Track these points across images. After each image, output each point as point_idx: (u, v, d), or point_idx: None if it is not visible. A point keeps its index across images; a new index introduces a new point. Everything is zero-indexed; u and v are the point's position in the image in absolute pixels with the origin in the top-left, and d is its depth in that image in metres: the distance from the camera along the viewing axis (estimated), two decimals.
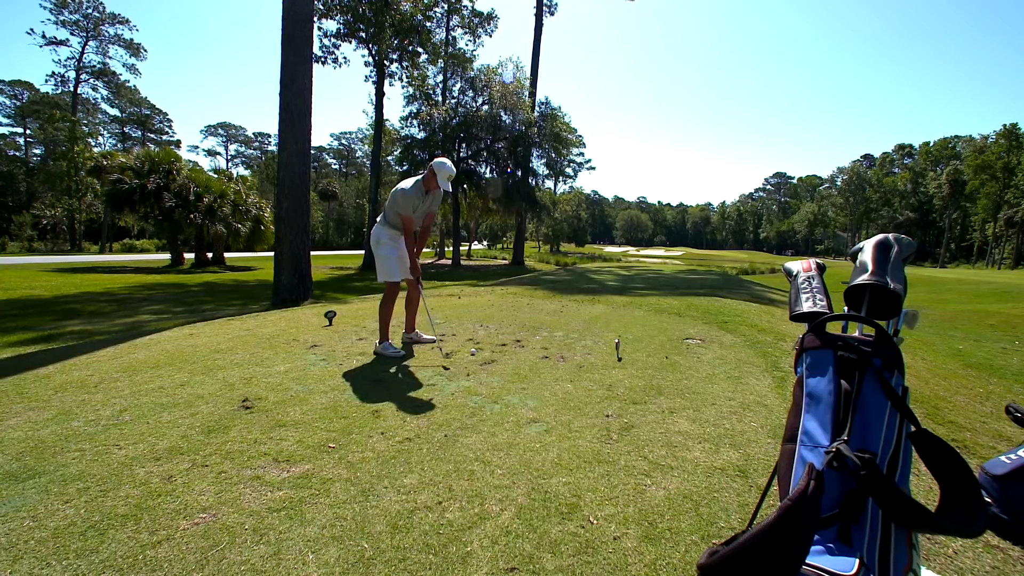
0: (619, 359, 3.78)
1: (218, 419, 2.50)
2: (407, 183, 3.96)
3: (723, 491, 1.92)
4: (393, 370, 3.47)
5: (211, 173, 23.93)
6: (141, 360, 3.62)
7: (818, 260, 1.35)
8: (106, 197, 19.79)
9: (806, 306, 1.23)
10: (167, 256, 22.96)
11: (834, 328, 1.21)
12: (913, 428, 1.01)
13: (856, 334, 1.17)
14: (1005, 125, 55.53)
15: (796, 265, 1.37)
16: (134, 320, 7.49)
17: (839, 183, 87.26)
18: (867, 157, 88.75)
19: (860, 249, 1.26)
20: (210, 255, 22.64)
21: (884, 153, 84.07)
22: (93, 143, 45.06)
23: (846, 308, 1.24)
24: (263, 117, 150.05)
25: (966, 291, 16.01)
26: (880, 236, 1.25)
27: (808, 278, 1.30)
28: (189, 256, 22.32)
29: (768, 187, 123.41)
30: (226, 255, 24.67)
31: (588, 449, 2.25)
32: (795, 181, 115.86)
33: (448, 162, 4.06)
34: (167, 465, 2.03)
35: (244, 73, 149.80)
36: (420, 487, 1.90)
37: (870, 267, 1.18)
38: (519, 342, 4.31)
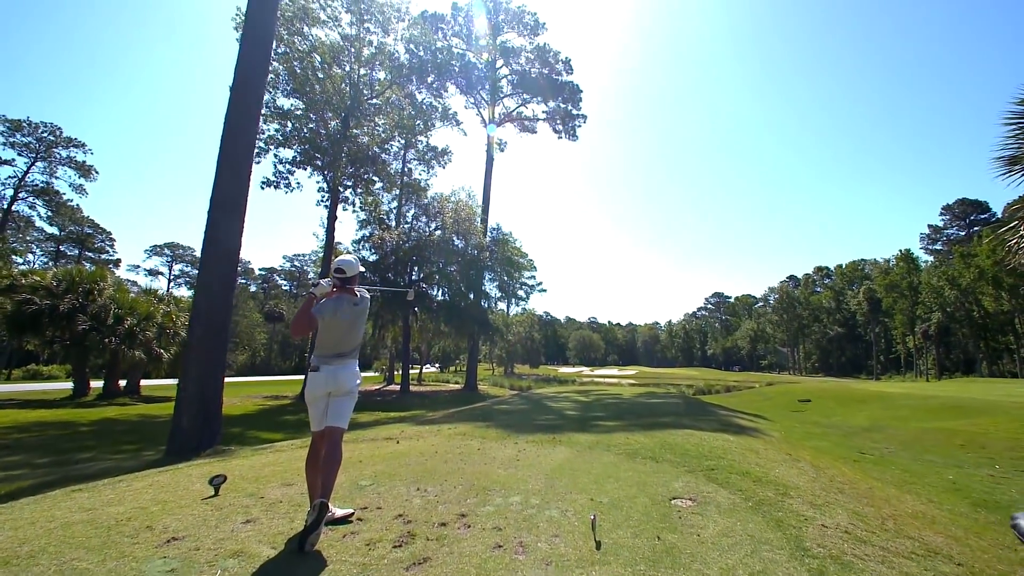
0: (597, 544, 2.81)
1: None
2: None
3: None
4: None
5: (141, 294, 22.34)
6: None
7: None
8: (5, 320, 17.60)
9: None
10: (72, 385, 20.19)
11: None
12: None
13: None
14: (901, 251, 62.96)
15: None
16: None
17: (772, 301, 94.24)
18: (792, 278, 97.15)
19: None
20: (123, 383, 20.17)
21: (806, 274, 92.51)
22: (20, 261, 42.28)
23: None
24: None
25: (917, 407, 16.12)
26: None
27: None
28: (97, 385, 19.72)
29: (709, 306, 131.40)
30: (145, 382, 22.16)
31: None
32: (732, 300, 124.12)
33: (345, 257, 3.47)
34: None
35: (197, 193, 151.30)
36: None
37: None
38: (464, 517, 3.26)
